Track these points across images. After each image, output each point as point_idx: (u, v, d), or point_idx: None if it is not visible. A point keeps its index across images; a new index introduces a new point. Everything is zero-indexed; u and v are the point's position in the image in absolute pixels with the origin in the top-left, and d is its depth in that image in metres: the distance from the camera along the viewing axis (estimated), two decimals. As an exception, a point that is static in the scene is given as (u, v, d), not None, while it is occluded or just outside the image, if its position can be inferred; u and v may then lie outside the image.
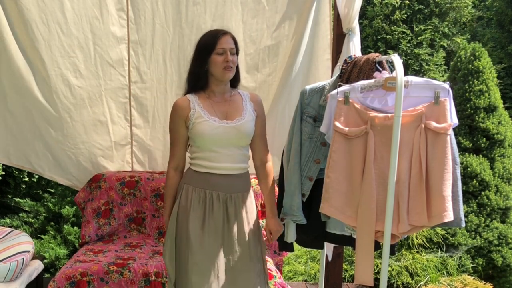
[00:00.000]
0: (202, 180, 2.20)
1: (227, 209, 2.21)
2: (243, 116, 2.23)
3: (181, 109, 2.21)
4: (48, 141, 3.30)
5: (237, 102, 2.27)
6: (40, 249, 4.01)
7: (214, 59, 2.17)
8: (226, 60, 2.16)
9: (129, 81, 3.35)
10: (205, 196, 2.19)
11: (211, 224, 2.19)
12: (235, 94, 2.30)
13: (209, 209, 2.19)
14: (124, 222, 3.38)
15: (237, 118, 2.21)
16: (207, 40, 2.21)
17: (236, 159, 2.22)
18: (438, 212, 2.01)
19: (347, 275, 3.95)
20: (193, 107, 2.19)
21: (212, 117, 2.18)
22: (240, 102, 2.28)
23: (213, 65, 2.18)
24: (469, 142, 4.17)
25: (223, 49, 2.17)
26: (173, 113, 2.24)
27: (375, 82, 2.09)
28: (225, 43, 2.18)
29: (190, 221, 2.18)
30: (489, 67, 4.23)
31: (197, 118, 2.18)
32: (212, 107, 2.22)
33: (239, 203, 2.24)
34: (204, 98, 2.23)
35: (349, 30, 2.95)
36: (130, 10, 3.21)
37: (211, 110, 2.20)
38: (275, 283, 2.75)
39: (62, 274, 2.75)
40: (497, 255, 3.91)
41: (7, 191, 4.65)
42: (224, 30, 2.24)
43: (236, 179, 2.24)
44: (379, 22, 5.93)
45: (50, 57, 3.13)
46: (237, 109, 2.25)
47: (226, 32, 2.22)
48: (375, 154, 2.07)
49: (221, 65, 2.17)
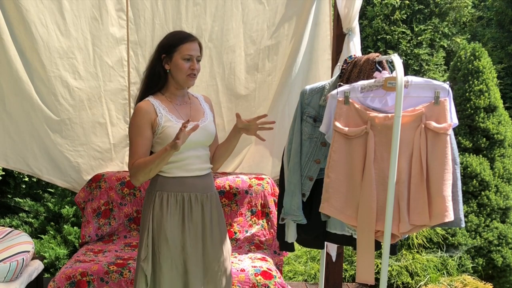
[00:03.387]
0: (177, 184, 2.20)
1: (203, 209, 2.22)
2: (206, 117, 2.27)
3: (147, 113, 2.15)
4: (46, 144, 3.29)
5: (196, 104, 2.31)
6: (40, 249, 4.01)
7: (179, 63, 2.15)
8: (192, 68, 2.16)
9: (128, 82, 3.34)
10: (183, 199, 2.19)
11: (191, 227, 2.20)
12: (191, 96, 2.33)
13: (188, 211, 2.19)
14: (124, 222, 3.38)
15: (201, 119, 2.24)
16: (175, 41, 2.18)
17: (204, 159, 2.26)
18: (438, 212, 2.01)
19: (347, 275, 3.95)
20: (159, 112, 2.17)
21: (180, 120, 2.18)
22: (199, 104, 2.31)
23: (177, 69, 2.17)
24: (469, 142, 4.17)
25: (190, 56, 2.16)
26: (137, 117, 2.16)
27: (375, 82, 2.09)
28: (193, 50, 2.17)
29: (168, 227, 2.17)
30: (489, 67, 4.23)
31: (166, 122, 2.16)
32: (176, 110, 2.22)
33: (213, 202, 2.27)
34: (166, 102, 2.22)
35: (349, 30, 2.95)
36: (130, 10, 3.20)
37: (177, 114, 2.21)
38: (275, 283, 2.75)
39: (62, 274, 2.75)
40: (497, 255, 3.91)
41: (7, 191, 4.65)
42: (193, 36, 2.22)
43: (207, 178, 2.27)
44: (379, 22, 5.92)
45: (49, 59, 3.12)
46: (198, 111, 2.28)
47: (195, 39, 2.21)
48: (375, 154, 2.07)
49: (186, 72, 2.16)
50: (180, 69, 2.16)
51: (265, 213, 3.37)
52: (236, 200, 3.36)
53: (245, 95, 3.39)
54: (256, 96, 3.39)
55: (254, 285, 2.73)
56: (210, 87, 3.32)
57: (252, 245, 3.25)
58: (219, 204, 2.34)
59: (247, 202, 3.36)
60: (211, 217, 2.25)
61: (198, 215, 2.21)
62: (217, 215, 2.29)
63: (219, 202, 2.35)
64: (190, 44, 2.17)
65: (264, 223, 3.35)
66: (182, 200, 2.19)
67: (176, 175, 2.20)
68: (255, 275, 2.76)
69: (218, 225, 2.28)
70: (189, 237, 2.19)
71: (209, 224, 2.24)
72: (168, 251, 2.17)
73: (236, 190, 3.35)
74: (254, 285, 2.73)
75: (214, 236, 2.25)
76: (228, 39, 3.26)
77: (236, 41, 3.26)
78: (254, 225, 3.34)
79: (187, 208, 2.20)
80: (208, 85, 3.32)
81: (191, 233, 2.19)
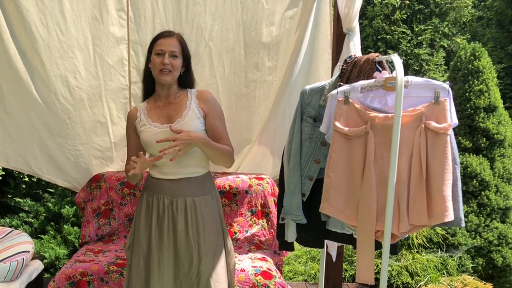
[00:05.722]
0: (154, 185, 2.23)
1: (173, 214, 2.18)
2: (184, 117, 2.16)
3: (130, 119, 2.28)
4: (46, 143, 3.29)
5: (181, 103, 2.20)
6: (40, 249, 4.01)
7: (153, 59, 2.15)
8: (162, 63, 2.11)
9: (129, 81, 3.34)
10: (153, 200, 2.20)
11: (157, 230, 2.19)
12: (181, 94, 2.24)
13: (155, 214, 2.19)
14: (124, 222, 3.38)
15: (177, 120, 2.16)
16: (152, 40, 2.20)
17: (183, 163, 2.16)
18: (438, 212, 2.01)
19: (347, 275, 3.95)
20: (139, 116, 2.23)
21: (154, 124, 2.17)
22: (185, 102, 2.20)
23: (152, 66, 2.17)
24: (469, 142, 4.17)
25: (161, 51, 2.13)
26: (126, 123, 2.32)
27: (375, 82, 2.09)
28: (165, 45, 2.13)
29: (140, 224, 2.22)
30: (489, 67, 4.23)
31: (142, 127, 2.20)
32: (156, 112, 2.21)
33: (187, 208, 2.17)
34: (151, 104, 2.24)
35: (349, 30, 2.95)
36: (130, 10, 3.20)
37: (154, 116, 2.20)
38: (275, 283, 2.75)
39: (62, 274, 2.75)
40: (497, 255, 3.91)
41: (7, 191, 4.65)
42: (170, 32, 2.19)
43: (184, 183, 2.18)
44: (379, 22, 5.93)
45: (49, 58, 3.12)
46: (179, 111, 2.18)
47: (171, 34, 2.18)
48: (375, 154, 2.07)
49: (158, 67, 2.13)
50: (153, 65, 2.15)
51: (265, 213, 3.37)
52: (236, 200, 3.36)
53: (245, 94, 3.39)
54: (256, 95, 3.39)
55: (254, 285, 2.73)
56: (210, 86, 3.32)
57: (252, 245, 3.25)
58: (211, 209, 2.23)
59: (247, 202, 3.36)
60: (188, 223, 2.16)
61: (166, 219, 2.17)
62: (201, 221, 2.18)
63: (212, 208, 2.24)
64: (163, 39, 2.15)
65: (264, 223, 3.35)
66: (153, 201, 2.21)
67: (154, 176, 2.24)
68: (255, 275, 2.76)
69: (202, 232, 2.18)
70: (155, 239, 2.18)
71: (182, 229, 2.16)
72: (137, 247, 2.22)
73: (236, 190, 3.35)
74: (254, 285, 2.73)
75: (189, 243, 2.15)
76: (228, 38, 3.26)
77: (236, 40, 3.26)
78: (254, 225, 3.34)
79: (155, 210, 2.19)
80: (208, 84, 3.32)
81: (157, 235, 2.18)
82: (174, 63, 2.13)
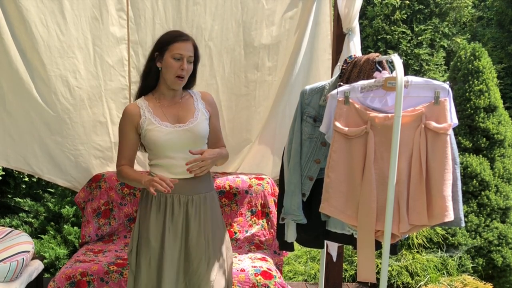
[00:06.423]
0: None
1: (187, 212, 2.18)
2: (196, 118, 2.18)
3: (131, 116, 2.18)
4: (47, 143, 3.29)
5: (188, 103, 2.23)
6: (40, 249, 4.01)
7: (169, 62, 2.12)
8: (182, 68, 2.11)
9: (129, 81, 3.34)
10: (166, 200, 2.17)
11: (171, 228, 2.17)
12: (186, 95, 2.26)
13: (170, 213, 2.17)
14: (124, 222, 3.38)
15: (189, 120, 2.17)
16: (167, 39, 2.15)
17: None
18: (439, 212, 2.01)
19: (347, 275, 3.95)
20: (143, 114, 2.16)
21: (164, 123, 2.15)
22: (192, 103, 2.23)
23: (167, 68, 2.13)
24: (469, 142, 4.17)
25: (180, 55, 2.11)
26: (122, 120, 2.21)
27: (375, 82, 2.09)
28: (184, 50, 2.12)
29: (150, 226, 2.17)
30: (489, 67, 4.23)
31: (149, 125, 2.15)
32: (162, 111, 2.18)
33: (200, 204, 2.20)
34: (154, 103, 2.20)
35: (349, 30, 2.95)
36: (130, 10, 3.20)
37: (162, 115, 2.17)
38: (275, 283, 2.75)
39: (62, 274, 2.75)
40: (497, 255, 3.91)
41: (7, 191, 4.65)
42: (187, 36, 2.17)
43: (196, 181, 2.19)
44: (379, 22, 5.93)
45: (50, 58, 3.12)
46: (188, 111, 2.20)
47: (188, 38, 2.16)
48: (375, 154, 2.07)
49: (175, 72, 2.11)
50: (169, 68, 2.12)
51: (265, 213, 3.37)
52: (236, 200, 3.36)
53: (245, 94, 3.39)
54: (256, 95, 3.39)
55: (254, 285, 2.73)
56: (210, 86, 3.32)
57: (252, 245, 3.25)
58: (213, 207, 2.27)
59: (247, 202, 3.36)
60: (200, 219, 2.19)
61: (180, 218, 2.17)
62: (210, 217, 2.22)
63: (217, 203, 2.31)
64: (182, 43, 2.12)
65: (264, 223, 3.35)
66: (165, 201, 2.17)
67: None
68: (255, 275, 2.76)
69: (211, 227, 2.21)
70: (168, 239, 2.16)
71: (195, 226, 2.18)
72: (147, 249, 2.18)
73: (236, 190, 3.35)
74: (254, 285, 2.73)
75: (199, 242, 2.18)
76: (228, 38, 3.26)
77: (236, 40, 3.26)
78: (254, 225, 3.34)
79: (169, 209, 2.17)
80: (208, 84, 3.32)
81: (171, 235, 2.17)
82: (189, 69, 2.15)
